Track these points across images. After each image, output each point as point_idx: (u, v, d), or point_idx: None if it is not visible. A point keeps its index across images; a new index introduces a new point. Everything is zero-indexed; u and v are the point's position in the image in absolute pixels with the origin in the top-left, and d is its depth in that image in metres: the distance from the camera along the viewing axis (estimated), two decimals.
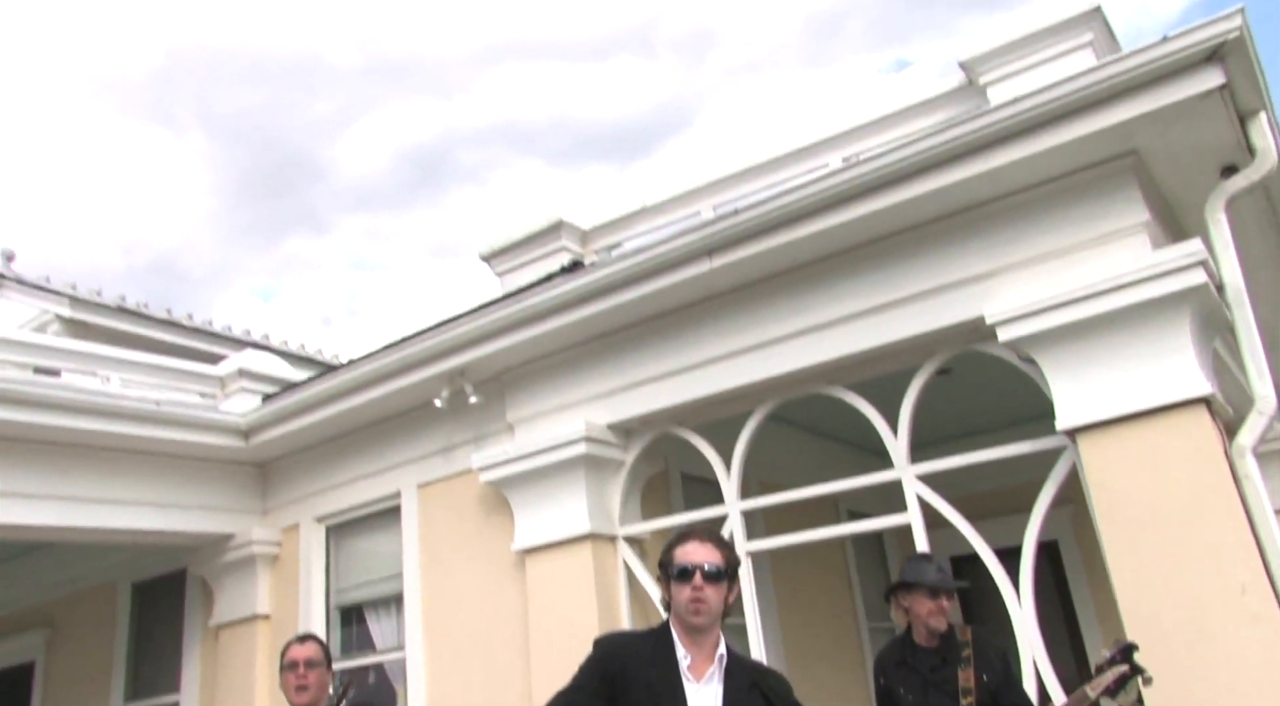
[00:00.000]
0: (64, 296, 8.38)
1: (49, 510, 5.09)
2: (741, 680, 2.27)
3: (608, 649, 2.35)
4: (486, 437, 5.04)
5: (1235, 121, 3.35)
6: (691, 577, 2.25)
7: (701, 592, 2.23)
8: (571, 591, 4.46)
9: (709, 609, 2.25)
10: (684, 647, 2.27)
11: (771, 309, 4.19)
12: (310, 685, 3.10)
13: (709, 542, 2.31)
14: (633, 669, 2.24)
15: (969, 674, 3.07)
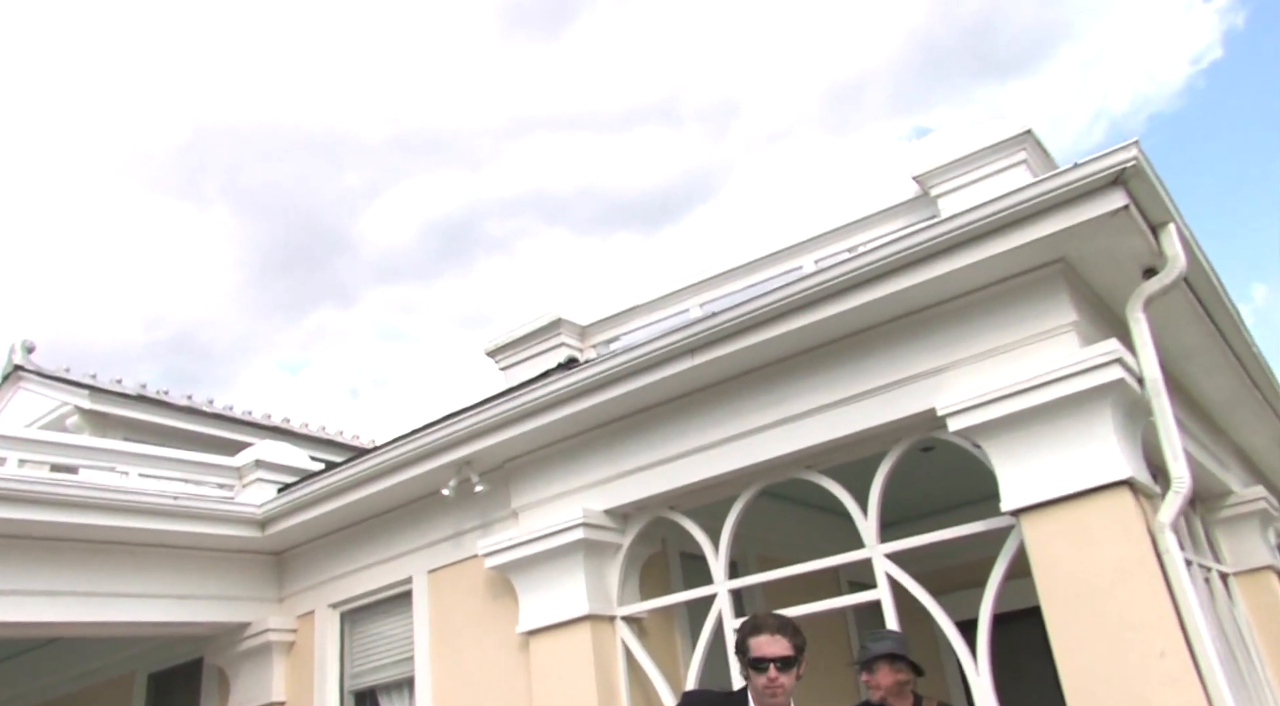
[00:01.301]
0: (84, 387, 9.13)
1: (69, 607, 5.63)
2: None
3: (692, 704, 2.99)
4: (493, 524, 5.68)
5: (1148, 232, 4.03)
6: (767, 669, 2.82)
7: (776, 680, 2.82)
8: (572, 670, 5.03)
9: (784, 690, 2.84)
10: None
11: (751, 401, 4.84)
12: None
13: (779, 635, 2.88)
14: None
15: None
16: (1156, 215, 4.04)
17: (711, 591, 4.99)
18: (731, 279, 5.87)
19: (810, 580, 5.15)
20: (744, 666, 2.89)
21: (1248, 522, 5.91)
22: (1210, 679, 3.47)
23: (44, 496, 5.38)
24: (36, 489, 5.40)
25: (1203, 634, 3.52)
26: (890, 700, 3.70)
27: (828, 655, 6.67)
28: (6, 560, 5.39)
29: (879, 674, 3.67)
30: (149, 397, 9.46)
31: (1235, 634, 4.99)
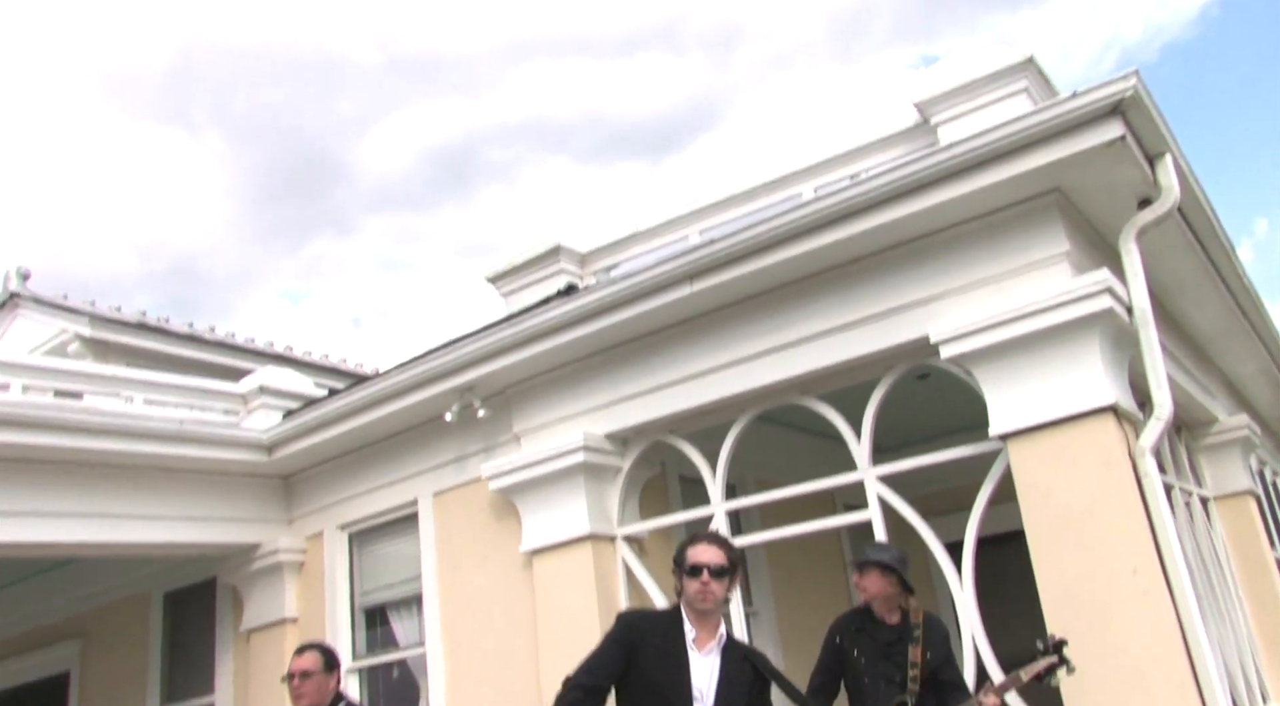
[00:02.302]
0: (83, 314, 9.26)
1: (80, 527, 5.87)
2: (736, 654, 3.08)
3: (628, 621, 3.18)
4: (495, 448, 5.92)
5: (1144, 163, 4.15)
6: (700, 574, 3.04)
7: (708, 586, 3.03)
8: (574, 588, 5.33)
9: (714, 598, 3.06)
10: (691, 625, 3.07)
11: (748, 328, 5.03)
12: (306, 693, 3.83)
13: (715, 544, 3.13)
14: (648, 638, 3.04)
15: (918, 650, 3.87)
16: (1153, 145, 4.16)
17: (709, 512, 5.25)
18: (731, 206, 5.99)
19: (806, 503, 5.42)
20: (679, 577, 3.09)
21: (1230, 449, 6.16)
22: (1180, 593, 3.74)
23: (49, 421, 5.56)
24: (42, 413, 5.57)
25: (1175, 552, 3.77)
26: (878, 608, 3.95)
27: (823, 574, 7.01)
28: (18, 483, 5.62)
29: (868, 578, 3.91)
30: (149, 325, 9.58)
31: (1212, 555, 5.27)
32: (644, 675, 2.96)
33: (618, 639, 3.08)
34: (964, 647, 4.31)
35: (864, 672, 3.89)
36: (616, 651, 3.04)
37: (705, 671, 2.97)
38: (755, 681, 3.01)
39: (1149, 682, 3.70)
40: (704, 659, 2.99)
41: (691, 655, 2.98)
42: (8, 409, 5.47)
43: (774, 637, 6.29)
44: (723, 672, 2.97)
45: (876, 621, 3.98)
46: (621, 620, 3.18)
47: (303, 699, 3.80)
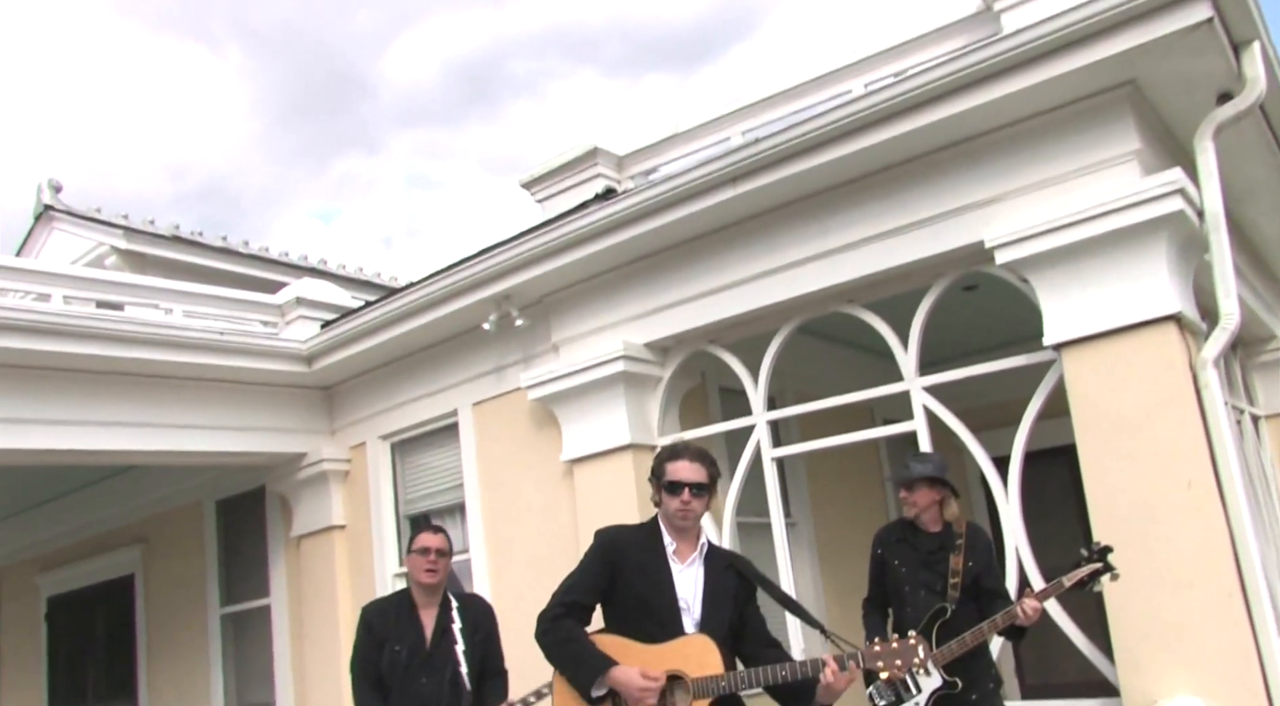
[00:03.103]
0: (117, 227, 9.37)
1: (131, 436, 6.08)
2: (718, 563, 3.02)
3: (608, 538, 3.10)
4: (534, 358, 5.94)
5: (1229, 51, 3.88)
6: (680, 492, 2.97)
7: (689, 504, 2.98)
8: (615, 497, 5.39)
9: (694, 514, 3.02)
10: (670, 538, 3.02)
11: (793, 233, 4.90)
12: (440, 568, 3.90)
13: (696, 461, 3.04)
14: (628, 554, 3.00)
15: (959, 559, 3.89)
16: (1242, 32, 3.88)
17: (750, 422, 5.24)
18: (775, 105, 5.77)
19: (845, 415, 5.39)
20: (657, 490, 3.05)
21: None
22: (1234, 510, 3.66)
23: (91, 331, 5.69)
24: (84, 323, 5.70)
25: (1232, 466, 3.68)
26: (921, 518, 3.96)
27: (860, 487, 7.03)
28: (71, 392, 5.80)
29: (918, 493, 3.91)
30: (184, 238, 9.67)
31: (1260, 474, 5.15)
32: (629, 591, 2.95)
33: (598, 557, 3.05)
34: (1008, 561, 4.31)
35: (905, 582, 3.93)
36: (598, 569, 3.02)
37: (689, 582, 2.96)
38: (741, 588, 2.99)
39: (1196, 596, 3.67)
40: (687, 570, 2.98)
41: (674, 567, 2.97)
42: (50, 318, 5.59)
43: (812, 549, 6.36)
44: (707, 582, 2.96)
45: (918, 531, 3.99)
46: (600, 537, 3.12)
47: (435, 573, 3.87)
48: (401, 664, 3.83)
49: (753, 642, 2.98)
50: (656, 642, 2.86)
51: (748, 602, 3.00)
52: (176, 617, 8.37)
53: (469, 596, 4.15)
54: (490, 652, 3.97)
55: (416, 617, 3.89)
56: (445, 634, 3.85)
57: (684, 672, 2.79)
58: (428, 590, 3.92)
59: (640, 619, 2.92)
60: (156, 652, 8.60)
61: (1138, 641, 3.77)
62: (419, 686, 3.78)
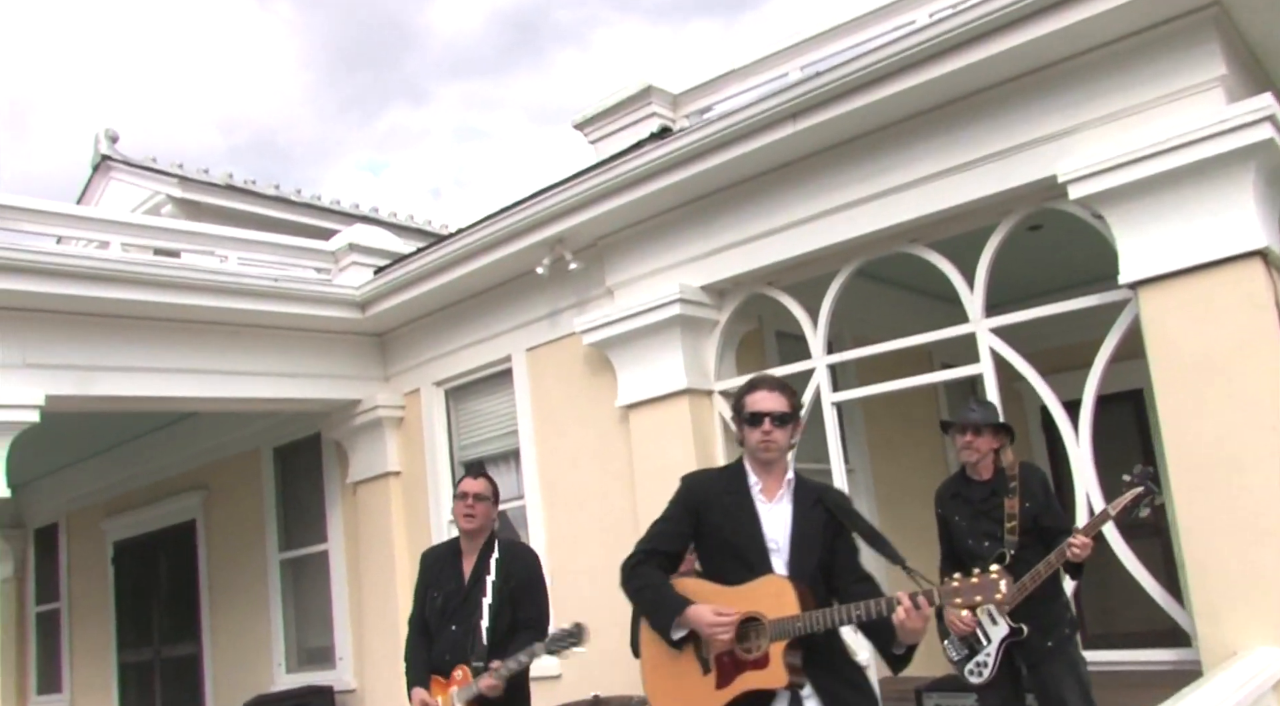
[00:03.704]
0: (172, 176, 9.56)
1: (189, 383, 6.25)
2: (807, 498, 2.92)
3: (691, 482, 3.07)
4: (588, 302, 5.97)
5: None
6: (761, 422, 2.88)
7: (770, 434, 2.87)
8: (672, 443, 5.43)
9: (777, 446, 2.89)
10: (755, 476, 2.93)
11: (854, 171, 4.83)
12: (477, 515, 3.88)
13: (775, 391, 2.95)
14: (712, 496, 2.93)
15: (1014, 502, 3.86)
16: None
17: (810, 366, 5.23)
18: (836, 38, 5.66)
19: (903, 359, 5.34)
20: (740, 426, 2.99)
21: None
22: None
23: (148, 277, 5.83)
24: (141, 270, 5.85)
25: None
26: (978, 466, 3.93)
27: (919, 433, 6.99)
28: (130, 339, 5.98)
29: (984, 438, 3.87)
30: (237, 187, 9.85)
31: None
32: (716, 533, 2.90)
33: (681, 502, 3.01)
34: (1078, 505, 4.27)
35: (966, 535, 3.93)
36: (681, 515, 2.98)
37: (777, 520, 2.87)
38: (830, 523, 2.88)
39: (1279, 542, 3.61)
40: (774, 507, 2.90)
41: (760, 505, 2.89)
42: (110, 265, 5.75)
43: (870, 495, 6.37)
44: (795, 519, 2.87)
45: (970, 482, 3.98)
46: (684, 482, 3.08)
47: (473, 519, 3.86)
48: (438, 610, 3.87)
49: (843, 578, 2.88)
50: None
51: (837, 537, 2.90)
52: (237, 562, 8.68)
53: (511, 545, 4.08)
54: (522, 603, 3.85)
55: (459, 564, 3.92)
56: (478, 582, 3.85)
57: (761, 614, 2.73)
58: (468, 536, 3.92)
59: (728, 561, 2.86)
60: (218, 596, 8.94)
61: (1217, 591, 3.72)
62: (450, 633, 3.83)
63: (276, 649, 8.22)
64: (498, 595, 3.80)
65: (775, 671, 2.68)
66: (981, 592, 2.53)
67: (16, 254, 5.37)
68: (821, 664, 2.76)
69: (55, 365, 5.67)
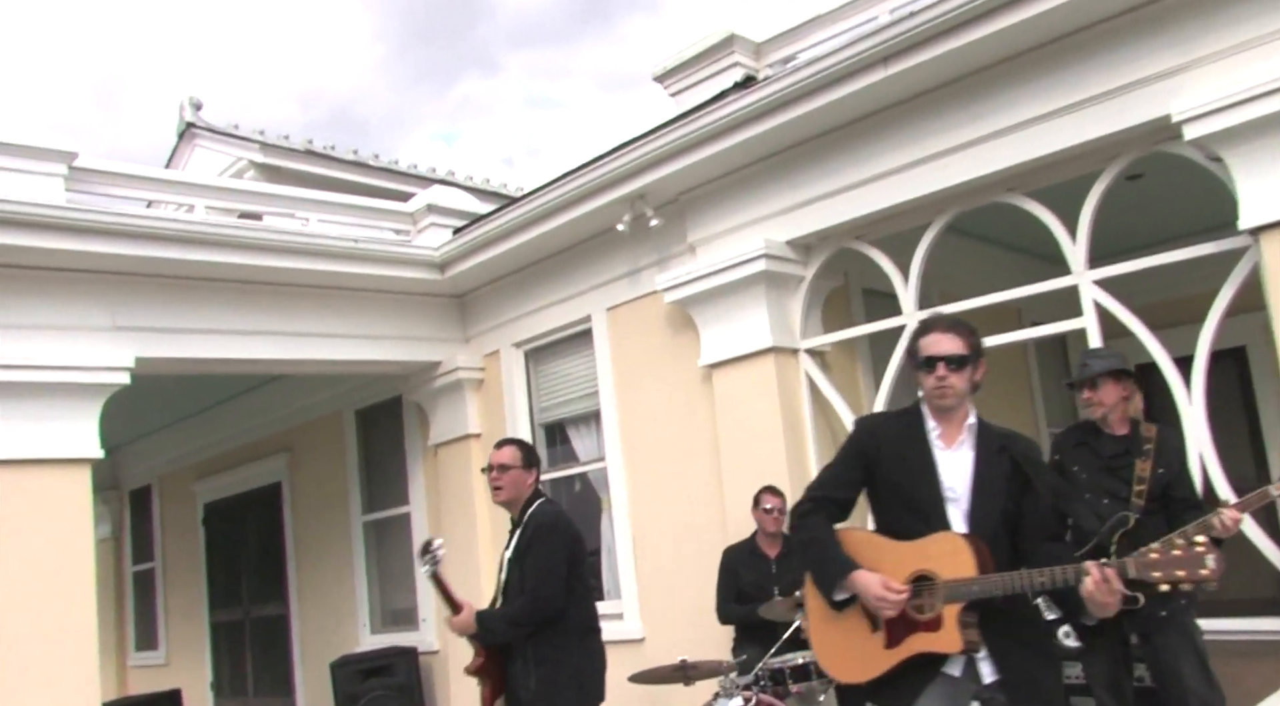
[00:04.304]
0: (254, 142, 9.85)
1: (273, 345, 6.44)
2: (990, 445, 2.72)
3: (865, 425, 2.96)
4: (669, 259, 5.97)
5: None
6: (935, 367, 2.72)
7: (945, 380, 2.70)
8: (757, 402, 5.42)
9: (954, 391, 2.71)
10: (933, 420, 2.77)
11: (948, 117, 4.71)
12: (504, 485, 3.87)
13: (951, 332, 2.75)
14: (887, 442, 2.79)
15: (1147, 465, 3.72)
16: None
17: (901, 322, 5.15)
18: None
19: (990, 318, 5.18)
20: (915, 371, 2.83)
21: None
22: None
23: (233, 239, 6.01)
24: (226, 232, 6.04)
25: None
26: (1106, 420, 3.80)
27: (1008, 393, 6.85)
28: (216, 302, 6.18)
29: (1103, 390, 3.75)
30: (316, 152, 10.08)
31: None
32: (888, 481, 2.76)
33: (852, 447, 2.88)
34: (1192, 467, 4.13)
35: (1084, 489, 3.80)
36: (852, 460, 2.84)
37: (955, 467, 2.70)
38: (1015, 474, 2.68)
39: None
40: (953, 454, 2.72)
41: (937, 452, 2.72)
42: (196, 228, 5.95)
43: None
44: (977, 467, 2.69)
45: (1101, 434, 3.83)
46: (857, 426, 2.97)
47: (500, 491, 3.87)
48: (501, 587, 3.97)
49: (1030, 536, 2.67)
50: (915, 538, 2.65)
51: (1024, 491, 2.68)
52: (321, 524, 8.98)
53: (541, 510, 3.93)
54: (526, 570, 3.77)
55: (511, 537, 3.98)
56: (511, 550, 3.91)
57: (935, 574, 2.58)
58: (505, 508, 3.96)
59: (900, 511, 2.73)
60: (304, 558, 9.28)
61: None
62: (503, 601, 3.91)
63: (361, 610, 8.50)
64: (517, 562, 3.83)
65: (949, 635, 2.55)
66: (1185, 566, 2.32)
67: (109, 217, 5.58)
68: (998, 624, 2.60)
69: (144, 328, 5.89)
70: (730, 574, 5.08)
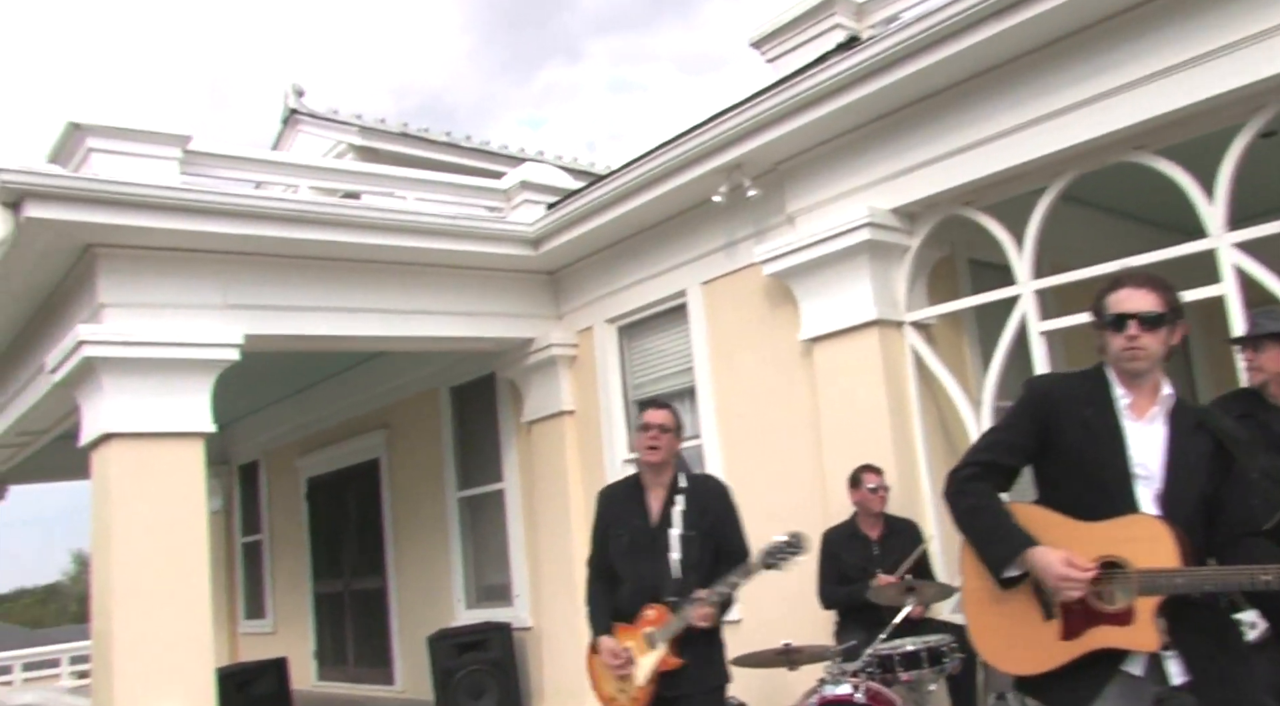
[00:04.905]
0: (353, 126, 10.03)
1: (372, 322, 6.48)
2: (1187, 420, 2.41)
3: (1041, 387, 2.57)
4: (767, 231, 5.77)
5: None
6: (1125, 326, 2.38)
7: (1136, 340, 2.37)
8: (860, 377, 5.19)
9: (1147, 355, 2.38)
10: (1122, 387, 2.43)
11: (1068, 72, 4.40)
12: (661, 446, 3.71)
13: (1144, 287, 2.42)
14: (1066, 407, 2.43)
15: None
16: None
17: (1014, 292, 4.86)
18: None
19: None
20: (1101, 332, 2.47)
21: None
22: None
23: (335, 217, 6.07)
24: (329, 210, 6.11)
25: None
26: (1272, 386, 3.41)
27: None
28: (318, 280, 6.25)
29: (1265, 354, 3.37)
30: (411, 134, 10.27)
31: None
32: (1068, 452, 2.42)
33: (1026, 410, 2.51)
34: None
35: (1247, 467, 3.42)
36: (1026, 425, 2.49)
37: (1147, 442, 2.38)
38: (1217, 454, 2.36)
39: None
40: (1144, 427, 2.39)
41: (1127, 424, 2.40)
42: (301, 207, 6.01)
43: None
44: (1171, 442, 2.38)
45: (1269, 406, 3.42)
46: (1032, 388, 2.57)
47: (656, 451, 3.69)
48: (624, 550, 3.71)
49: (1228, 528, 2.36)
50: (1096, 519, 2.35)
51: (1224, 476, 2.38)
52: (417, 500, 9.07)
53: (700, 477, 3.89)
54: (724, 537, 3.66)
55: (643, 500, 3.76)
56: (666, 517, 3.68)
57: (1126, 561, 2.29)
58: (652, 470, 3.75)
59: (1080, 488, 2.41)
60: (401, 533, 9.39)
61: None
62: (641, 572, 3.65)
63: (456, 585, 8.56)
64: (694, 527, 3.63)
65: (1144, 631, 2.26)
66: None
67: (221, 197, 5.70)
68: (1190, 618, 2.30)
69: (252, 305, 6.00)
70: (831, 557, 4.88)
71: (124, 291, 5.56)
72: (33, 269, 5.65)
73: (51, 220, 5.11)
